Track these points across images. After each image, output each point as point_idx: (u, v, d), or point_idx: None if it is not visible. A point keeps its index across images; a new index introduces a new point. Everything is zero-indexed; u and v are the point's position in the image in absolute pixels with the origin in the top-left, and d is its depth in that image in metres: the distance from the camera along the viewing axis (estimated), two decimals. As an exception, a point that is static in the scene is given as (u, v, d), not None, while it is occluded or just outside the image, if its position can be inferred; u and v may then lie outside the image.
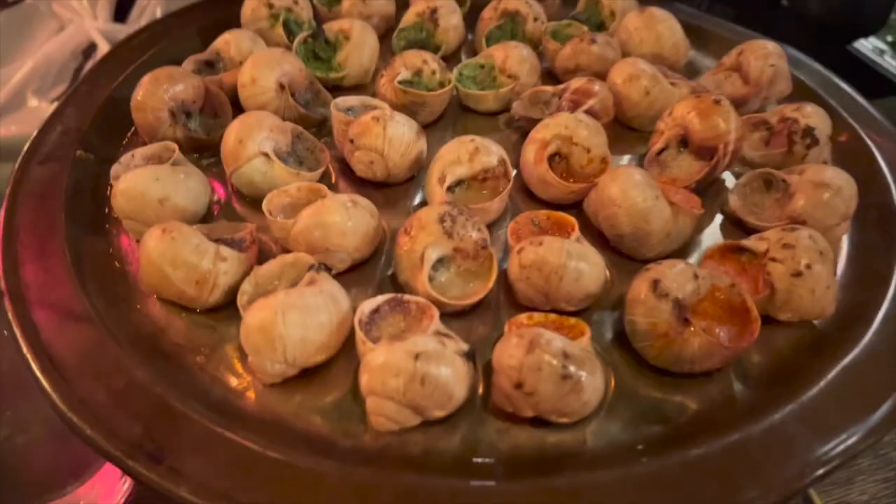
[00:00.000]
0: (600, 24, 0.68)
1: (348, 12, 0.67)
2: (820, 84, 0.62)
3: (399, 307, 0.42)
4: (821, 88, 0.62)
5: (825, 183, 0.47)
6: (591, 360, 0.38)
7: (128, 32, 0.69)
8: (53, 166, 0.52)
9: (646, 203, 0.45)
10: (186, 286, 0.43)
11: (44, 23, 1.32)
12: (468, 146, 0.49)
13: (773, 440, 0.37)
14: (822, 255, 0.43)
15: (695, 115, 0.51)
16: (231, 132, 0.50)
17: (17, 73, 1.16)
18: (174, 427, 0.38)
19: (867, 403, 0.39)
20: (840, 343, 0.42)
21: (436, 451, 0.38)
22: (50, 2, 1.34)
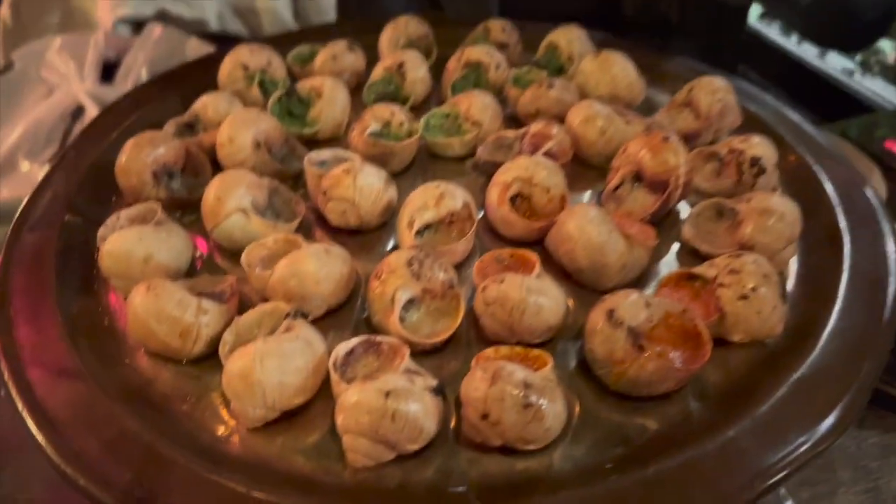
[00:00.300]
0: (560, 69, 0.71)
1: (320, 70, 0.70)
2: (769, 114, 0.66)
3: (372, 348, 0.45)
4: (770, 118, 0.65)
5: (770, 210, 0.50)
6: (551, 388, 0.41)
7: (114, 93, 0.72)
8: (44, 232, 0.55)
9: (601, 237, 0.48)
10: (171, 339, 0.45)
11: (32, 88, 1.36)
12: (434, 192, 0.52)
13: (726, 454, 0.40)
14: (766, 277, 0.45)
15: (646, 151, 0.54)
16: (210, 191, 0.53)
17: (8, 138, 1.19)
18: (163, 472, 0.40)
19: (814, 415, 0.41)
20: (790, 360, 0.45)
21: (411, 483, 0.41)
22: (38, 67, 1.38)
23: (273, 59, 0.69)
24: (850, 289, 0.49)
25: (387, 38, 0.75)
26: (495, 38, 0.74)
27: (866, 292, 0.49)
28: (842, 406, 0.42)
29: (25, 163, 1.20)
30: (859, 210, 0.55)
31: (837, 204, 0.56)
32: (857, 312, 0.47)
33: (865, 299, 0.48)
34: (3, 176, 1.18)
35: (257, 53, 0.68)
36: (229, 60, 0.68)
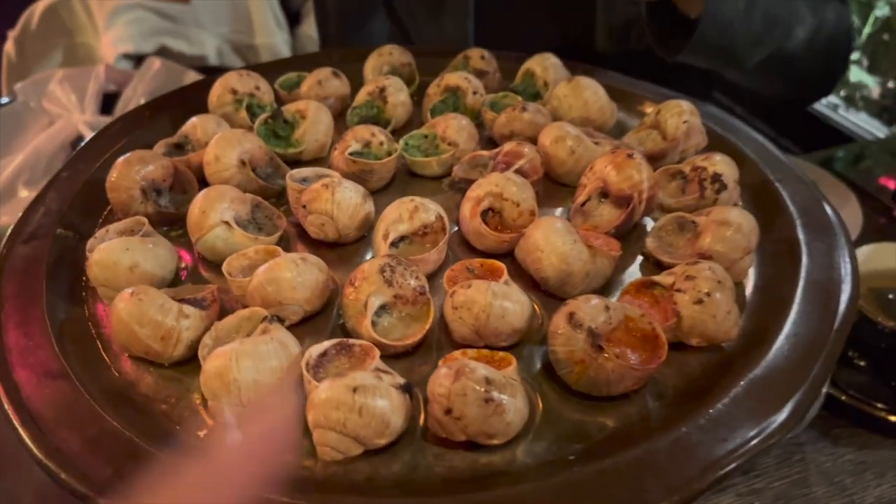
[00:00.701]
0: (536, 95, 0.74)
1: (306, 95, 0.73)
2: (733, 135, 0.68)
3: (344, 350, 0.47)
4: (734, 139, 0.68)
5: (727, 221, 0.53)
6: (512, 385, 0.43)
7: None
8: (36, 244, 0.58)
9: (565, 246, 0.51)
10: (153, 342, 0.47)
11: (35, 119, 1.40)
12: (408, 205, 0.55)
13: (678, 448, 0.41)
14: (720, 283, 0.48)
15: (611, 168, 0.57)
16: (195, 205, 0.56)
17: (9, 167, 1.23)
18: (139, 466, 0.42)
19: (764, 413, 0.43)
20: (744, 362, 0.47)
21: (378, 476, 0.42)
22: (40, 99, 1.43)
23: (261, 84, 0.72)
24: (804, 297, 0.51)
25: (371, 66, 0.78)
26: (475, 66, 0.77)
27: (820, 301, 0.51)
28: (791, 404, 0.44)
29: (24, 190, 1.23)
30: (817, 224, 0.57)
31: (797, 218, 0.58)
32: (810, 319, 0.49)
33: (818, 307, 0.50)
34: (3, 203, 1.21)
35: (246, 79, 0.71)
36: (219, 85, 0.71)
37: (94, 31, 1.96)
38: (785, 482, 0.78)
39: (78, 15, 1.96)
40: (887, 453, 0.81)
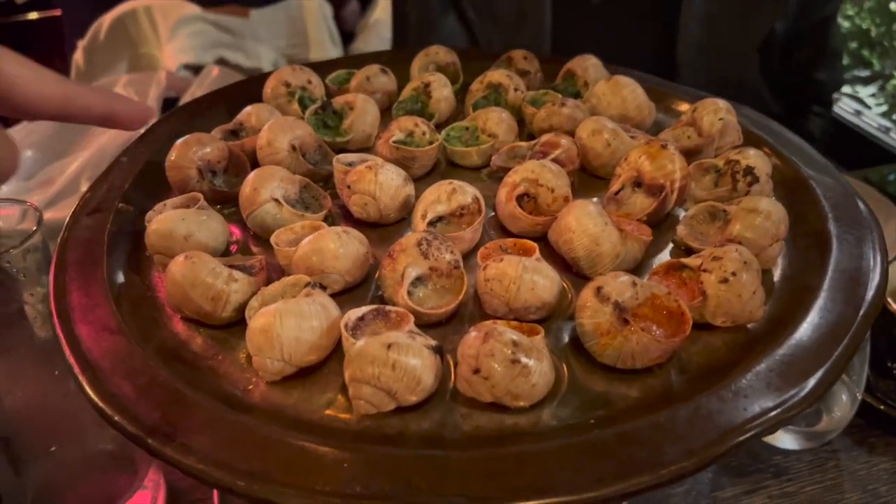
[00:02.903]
0: (576, 94, 0.77)
1: (355, 89, 0.77)
2: (769, 134, 0.70)
3: (381, 316, 0.49)
4: (770, 138, 0.69)
5: (757, 209, 0.54)
6: (538, 351, 0.45)
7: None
8: (98, 216, 0.62)
9: (596, 227, 0.53)
10: (203, 302, 0.51)
11: (99, 120, 1.47)
12: (446, 187, 0.57)
13: (698, 416, 0.43)
14: (746, 264, 0.49)
15: (645, 158, 0.58)
16: (248, 182, 0.59)
17: (74, 164, 1.29)
18: (186, 412, 0.45)
19: (786, 387, 0.44)
20: (769, 341, 0.48)
21: (408, 431, 0.45)
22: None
23: (313, 78, 0.76)
24: (831, 285, 0.52)
25: (417, 64, 0.82)
26: (517, 66, 0.80)
27: (847, 289, 0.52)
28: (812, 381, 0.45)
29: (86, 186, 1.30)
30: (848, 218, 0.58)
31: (828, 211, 0.59)
32: (836, 305, 0.50)
33: (845, 294, 0.51)
34: (66, 197, 1.28)
35: (299, 73, 0.75)
36: (273, 78, 0.75)
37: (158, 42, 2.05)
38: (818, 487, 0.78)
39: (143, 27, 2.05)
40: (924, 463, 0.80)
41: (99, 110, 0.46)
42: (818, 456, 0.80)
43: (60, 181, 1.28)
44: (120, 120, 0.48)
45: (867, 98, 2.17)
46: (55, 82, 0.43)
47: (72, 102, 0.43)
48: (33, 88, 0.41)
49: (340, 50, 2.24)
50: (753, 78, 1.22)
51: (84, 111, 0.45)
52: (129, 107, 0.49)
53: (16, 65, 0.41)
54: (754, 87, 1.22)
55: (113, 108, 0.47)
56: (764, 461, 0.79)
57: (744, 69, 1.20)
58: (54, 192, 1.26)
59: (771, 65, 1.22)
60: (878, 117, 2.07)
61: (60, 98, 0.43)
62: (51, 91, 0.42)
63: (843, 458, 0.80)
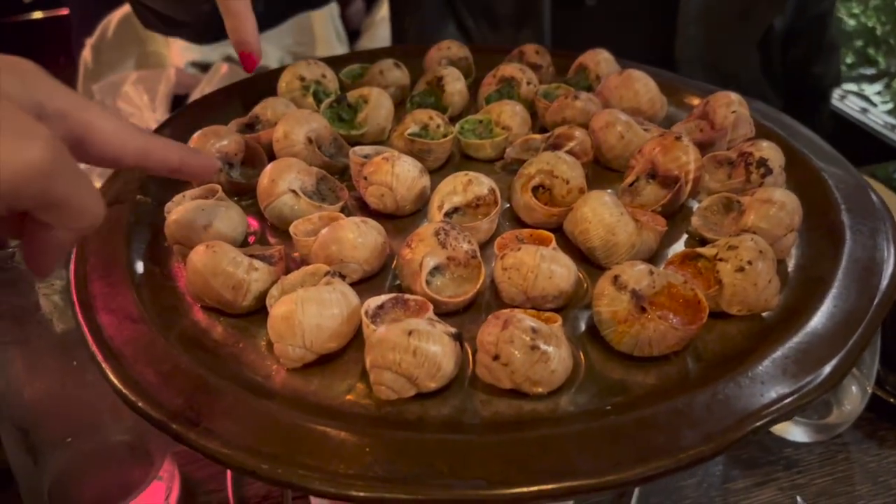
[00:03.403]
0: (588, 88, 0.77)
1: (368, 83, 0.77)
2: (782, 128, 0.70)
3: (400, 304, 0.50)
4: (782, 131, 0.69)
5: (771, 200, 0.55)
6: (557, 337, 0.45)
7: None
8: (118, 207, 0.62)
9: (612, 218, 0.53)
10: (224, 291, 0.51)
11: (109, 117, 1.48)
12: (462, 179, 0.58)
13: (715, 402, 0.43)
14: (762, 253, 0.49)
15: (659, 150, 0.59)
16: (265, 174, 0.60)
17: (85, 160, 1.30)
18: (210, 398, 0.45)
19: (802, 374, 0.45)
20: (785, 329, 0.49)
21: (428, 416, 0.45)
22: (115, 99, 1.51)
23: (327, 72, 0.77)
24: (845, 274, 0.52)
25: (430, 58, 0.82)
26: (529, 60, 0.81)
27: (861, 278, 0.52)
28: (828, 368, 0.45)
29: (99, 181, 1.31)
30: (861, 209, 0.59)
31: (841, 203, 0.59)
32: (850, 293, 0.51)
33: (859, 283, 0.52)
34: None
35: (313, 67, 0.76)
36: (288, 72, 0.76)
37: (165, 40, 2.05)
38: (828, 479, 0.78)
39: (151, 25, 2.06)
40: (934, 456, 0.81)
41: (174, 164, 0.47)
42: (828, 448, 0.81)
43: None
44: (191, 172, 0.50)
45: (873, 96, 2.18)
46: (136, 136, 0.43)
47: (150, 155, 0.45)
48: (117, 142, 0.42)
49: (346, 48, 2.24)
50: (753, 75, 1.22)
51: (160, 163, 0.46)
52: (199, 161, 0.50)
53: (103, 119, 0.41)
54: (754, 83, 1.23)
55: (186, 162, 0.48)
56: (775, 453, 0.79)
57: (743, 66, 1.21)
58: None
59: (770, 61, 1.22)
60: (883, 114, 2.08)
61: (140, 152, 0.44)
62: (133, 146, 0.43)
63: (854, 450, 0.81)
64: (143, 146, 0.44)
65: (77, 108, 0.40)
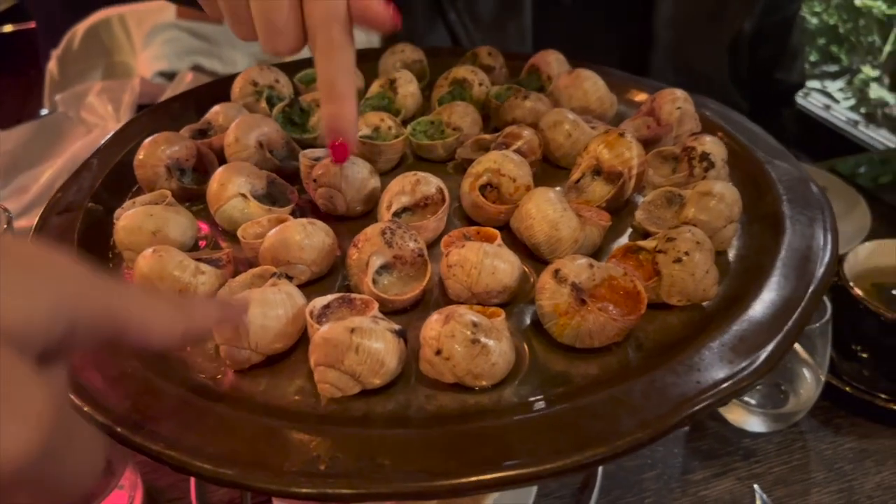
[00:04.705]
0: (540, 88, 0.78)
1: (322, 87, 0.78)
2: (728, 123, 0.71)
3: (346, 303, 0.51)
4: (729, 126, 0.71)
5: (710, 192, 0.56)
6: (498, 331, 0.46)
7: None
8: (69, 216, 0.62)
9: (556, 214, 0.54)
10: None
11: (73, 128, 1.48)
12: (411, 179, 0.59)
13: (653, 389, 0.44)
14: (699, 244, 0.51)
15: (603, 146, 0.60)
16: (214, 179, 0.60)
17: (48, 172, 1.30)
18: (156, 402, 0.45)
19: (737, 360, 0.46)
20: (723, 318, 0.50)
21: (373, 413, 0.46)
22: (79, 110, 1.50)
23: (280, 77, 0.77)
24: (783, 263, 0.54)
25: (385, 62, 0.83)
26: (482, 62, 0.82)
27: (798, 266, 0.53)
28: (763, 354, 0.46)
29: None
30: (802, 200, 0.60)
31: (783, 194, 0.61)
32: (787, 282, 0.52)
33: (796, 272, 0.53)
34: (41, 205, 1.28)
35: (266, 72, 0.76)
36: (241, 78, 0.76)
37: (132, 50, 2.05)
38: (785, 468, 0.80)
39: (117, 35, 2.05)
40: (888, 442, 0.83)
41: (212, 324, 0.45)
42: (786, 437, 0.82)
43: (34, 189, 1.28)
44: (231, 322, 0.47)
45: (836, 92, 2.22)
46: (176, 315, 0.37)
47: (190, 333, 0.39)
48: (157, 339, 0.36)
49: (316, 54, 2.24)
50: (722, 78, 1.25)
51: (201, 334, 0.45)
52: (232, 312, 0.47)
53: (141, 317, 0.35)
54: (723, 86, 1.25)
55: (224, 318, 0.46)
56: (734, 444, 0.81)
57: (713, 68, 1.23)
58: (29, 200, 1.26)
59: (738, 64, 1.25)
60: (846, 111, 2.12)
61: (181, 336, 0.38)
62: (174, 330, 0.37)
63: (810, 438, 0.82)
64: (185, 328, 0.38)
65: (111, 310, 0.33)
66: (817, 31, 2.42)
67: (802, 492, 0.77)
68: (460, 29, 1.15)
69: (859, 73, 2.19)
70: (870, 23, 2.24)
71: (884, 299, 0.88)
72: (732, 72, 1.25)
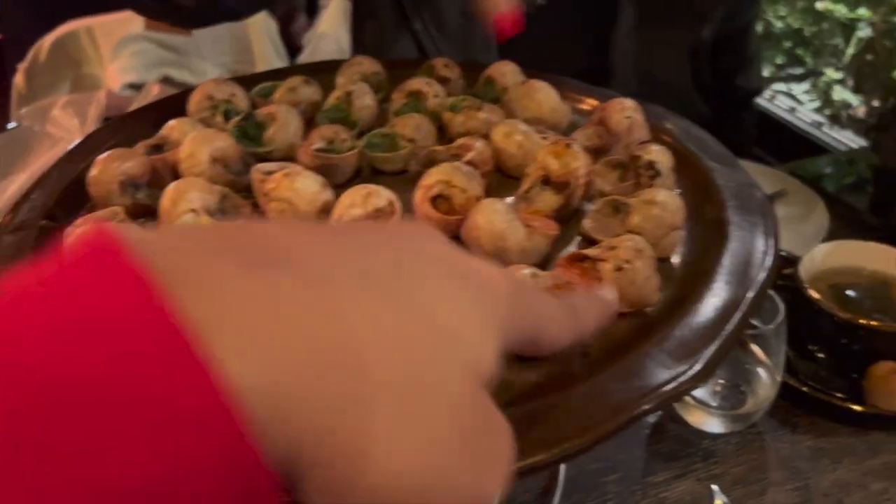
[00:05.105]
0: (495, 99, 0.79)
1: (278, 100, 0.78)
2: (678, 130, 0.73)
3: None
4: (678, 134, 0.72)
5: (654, 200, 0.57)
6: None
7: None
8: (22, 234, 0.63)
9: (503, 224, 0.55)
10: (121, 312, 0.52)
11: (38, 142, 1.47)
12: (361, 192, 0.59)
13: (593, 394, 0.45)
14: (639, 252, 0.52)
15: (551, 157, 0.61)
16: (166, 194, 0.60)
17: (12, 186, 1.29)
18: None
19: (677, 365, 0.47)
20: (665, 324, 0.51)
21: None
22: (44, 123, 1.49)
23: (237, 91, 0.78)
24: (726, 269, 0.55)
25: (342, 75, 0.84)
26: (438, 73, 0.83)
27: (740, 272, 0.55)
28: (703, 359, 0.47)
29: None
30: (746, 206, 0.62)
31: (728, 200, 0.62)
32: (728, 287, 0.53)
33: (738, 277, 0.54)
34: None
35: (223, 86, 0.77)
36: (197, 92, 0.77)
37: (100, 62, 2.04)
38: (743, 467, 0.81)
39: (85, 47, 2.04)
40: (844, 440, 0.84)
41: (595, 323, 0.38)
42: (745, 438, 0.84)
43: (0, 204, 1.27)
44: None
45: (801, 95, 2.25)
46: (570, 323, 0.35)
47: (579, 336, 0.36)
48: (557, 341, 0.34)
49: (287, 63, 2.25)
50: (684, 85, 1.27)
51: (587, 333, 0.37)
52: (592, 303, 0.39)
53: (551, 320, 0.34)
54: (685, 93, 1.27)
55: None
56: (694, 445, 0.82)
57: (674, 77, 1.25)
58: (-7, 215, 1.25)
59: (700, 71, 1.27)
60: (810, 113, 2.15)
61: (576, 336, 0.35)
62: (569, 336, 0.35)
63: (769, 438, 0.84)
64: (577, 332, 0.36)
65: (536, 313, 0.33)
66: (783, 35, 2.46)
67: (760, 491, 0.78)
68: (426, 38, 1.16)
69: (823, 75, 2.23)
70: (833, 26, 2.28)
71: (840, 300, 0.90)
72: (694, 79, 1.27)
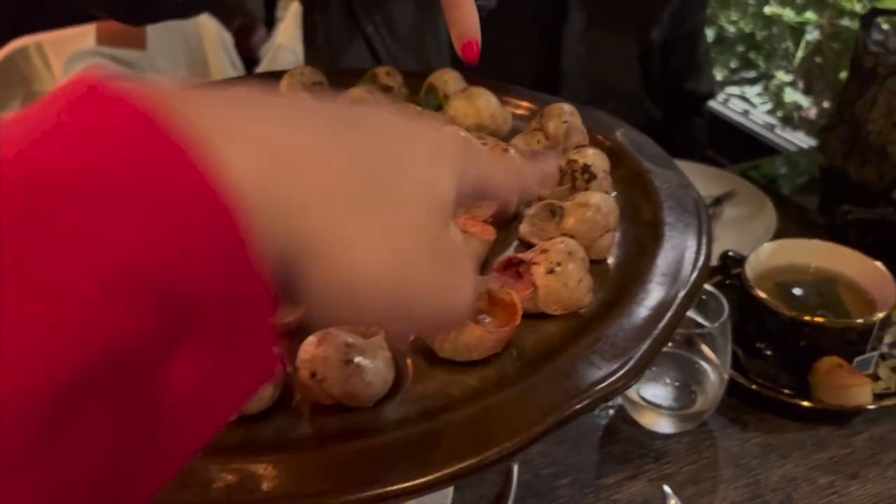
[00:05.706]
0: (438, 107, 0.80)
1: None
2: (617, 134, 0.74)
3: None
4: (617, 136, 0.73)
5: (587, 203, 0.58)
6: (373, 350, 0.47)
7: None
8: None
9: (438, 230, 0.55)
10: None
11: None
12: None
13: (524, 397, 0.46)
14: (571, 255, 0.52)
15: (489, 162, 0.61)
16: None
17: None
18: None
19: (607, 366, 0.47)
20: (597, 325, 0.51)
21: (253, 440, 0.46)
22: None
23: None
24: (659, 270, 0.56)
25: (285, 84, 0.83)
26: (381, 82, 0.83)
27: (672, 272, 0.55)
28: (633, 359, 0.48)
29: None
30: (681, 207, 0.62)
31: (663, 201, 0.63)
32: (661, 287, 0.54)
33: (670, 277, 0.55)
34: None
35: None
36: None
37: (52, 78, 2.01)
38: (694, 466, 0.82)
39: (35, 63, 2.01)
40: (792, 436, 0.86)
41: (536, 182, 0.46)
42: (696, 437, 0.84)
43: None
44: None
45: (754, 97, 2.30)
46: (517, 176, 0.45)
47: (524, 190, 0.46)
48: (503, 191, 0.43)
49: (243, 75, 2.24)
50: (634, 87, 1.28)
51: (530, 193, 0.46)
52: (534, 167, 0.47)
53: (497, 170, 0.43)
54: (635, 96, 1.29)
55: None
56: (646, 447, 0.82)
57: (624, 80, 1.26)
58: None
59: (650, 74, 1.28)
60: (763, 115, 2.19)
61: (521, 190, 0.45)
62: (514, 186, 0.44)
63: (719, 436, 0.85)
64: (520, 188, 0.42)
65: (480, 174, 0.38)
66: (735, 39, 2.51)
67: (710, 489, 0.79)
68: (379, 43, 1.16)
69: (774, 78, 2.28)
70: (782, 30, 2.33)
71: (786, 298, 0.91)
72: (644, 81, 1.29)
